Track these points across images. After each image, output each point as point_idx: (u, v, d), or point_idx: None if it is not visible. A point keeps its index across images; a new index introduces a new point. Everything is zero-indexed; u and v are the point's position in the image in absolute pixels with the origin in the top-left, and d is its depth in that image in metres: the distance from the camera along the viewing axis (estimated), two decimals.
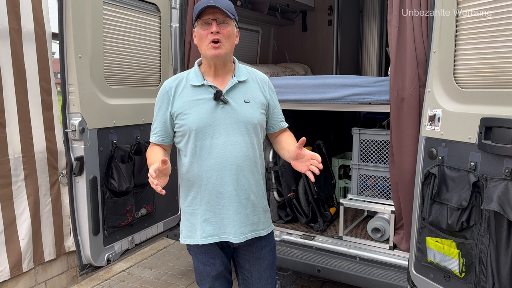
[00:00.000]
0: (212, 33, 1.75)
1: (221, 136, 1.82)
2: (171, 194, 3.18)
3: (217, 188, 1.84)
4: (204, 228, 1.87)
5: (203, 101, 1.83)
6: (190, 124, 1.81)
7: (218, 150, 1.82)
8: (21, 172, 2.95)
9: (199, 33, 1.79)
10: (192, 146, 1.84)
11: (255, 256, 1.97)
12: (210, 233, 1.87)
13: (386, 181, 3.00)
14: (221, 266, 1.94)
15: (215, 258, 1.93)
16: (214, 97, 1.82)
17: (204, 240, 1.88)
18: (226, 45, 1.79)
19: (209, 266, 1.93)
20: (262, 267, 1.99)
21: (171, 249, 4.27)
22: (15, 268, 2.94)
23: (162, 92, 1.90)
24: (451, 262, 1.94)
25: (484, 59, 1.84)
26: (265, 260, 2.00)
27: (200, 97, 1.83)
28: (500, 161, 1.74)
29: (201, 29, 1.78)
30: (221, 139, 1.82)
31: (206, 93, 1.84)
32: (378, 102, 2.63)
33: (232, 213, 1.85)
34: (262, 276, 1.99)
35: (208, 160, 1.82)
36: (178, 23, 3.10)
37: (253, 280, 2.00)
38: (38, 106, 3.03)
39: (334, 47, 4.73)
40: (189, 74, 1.91)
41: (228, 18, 1.78)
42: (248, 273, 2.00)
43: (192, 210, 1.90)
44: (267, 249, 2.00)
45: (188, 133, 1.83)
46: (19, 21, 2.86)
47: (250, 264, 1.99)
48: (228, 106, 1.83)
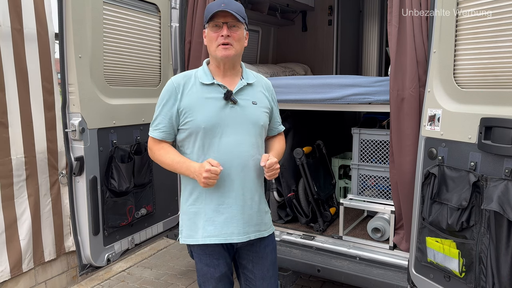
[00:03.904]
0: (223, 36, 1.79)
1: (229, 135, 1.84)
2: (171, 194, 3.17)
3: (224, 187, 1.85)
4: (206, 228, 1.87)
5: (213, 100, 1.85)
6: (199, 122, 1.83)
7: (225, 149, 1.84)
8: (23, 172, 2.95)
9: (210, 35, 1.83)
10: (200, 144, 1.85)
11: (258, 255, 1.98)
12: (212, 233, 1.87)
13: (386, 181, 3.00)
14: (224, 267, 1.94)
15: (219, 259, 1.92)
16: (225, 96, 1.85)
17: (205, 240, 1.87)
18: (236, 47, 1.84)
19: (213, 267, 1.92)
20: (265, 267, 2.00)
21: (171, 249, 4.28)
22: (15, 268, 2.94)
23: (169, 88, 1.88)
24: (451, 262, 1.94)
25: (484, 59, 1.84)
26: (268, 259, 2.01)
27: (210, 95, 1.85)
28: (500, 161, 1.74)
29: (212, 31, 1.82)
30: (229, 138, 1.84)
31: (216, 92, 1.86)
32: (378, 102, 2.63)
33: (237, 212, 1.87)
34: (265, 276, 2.00)
35: (216, 158, 1.84)
36: (178, 23, 3.10)
37: (256, 281, 2.00)
38: (40, 106, 3.04)
39: (334, 47, 4.73)
40: (198, 72, 1.92)
41: (238, 22, 1.82)
42: (251, 273, 2.00)
43: (196, 209, 1.90)
44: (269, 248, 2.02)
45: (196, 131, 1.84)
46: (21, 21, 2.86)
47: (253, 264, 1.99)
48: (237, 107, 1.87)
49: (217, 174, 1.73)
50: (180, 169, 1.85)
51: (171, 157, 1.86)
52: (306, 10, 4.87)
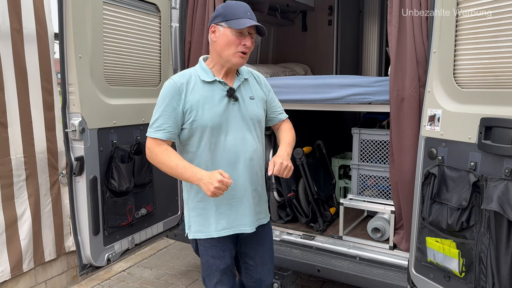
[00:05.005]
0: (244, 45, 1.85)
1: (234, 132, 1.89)
2: (171, 194, 3.18)
3: (237, 183, 1.91)
4: (219, 222, 1.93)
5: (217, 98, 1.88)
6: (206, 120, 1.85)
7: (231, 146, 1.89)
8: (22, 172, 2.95)
9: (231, 38, 1.82)
10: (207, 143, 1.88)
11: (259, 243, 2.08)
12: (225, 226, 1.94)
13: (386, 181, 3.00)
14: (229, 259, 2.00)
15: (225, 251, 1.98)
16: (228, 94, 1.88)
17: (219, 233, 1.93)
18: (248, 56, 1.91)
19: (219, 259, 1.96)
20: (265, 253, 2.12)
21: (171, 249, 4.28)
22: (16, 268, 2.94)
23: (172, 88, 1.85)
24: (451, 262, 1.94)
25: (484, 59, 1.84)
26: (268, 246, 2.13)
27: (212, 93, 1.88)
28: (500, 161, 1.74)
29: (235, 36, 1.82)
30: (234, 134, 1.89)
31: (218, 89, 1.89)
32: (378, 102, 2.63)
33: (247, 204, 1.96)
34: (265, 261, 2.12)
35: (223, 155, 1.88)
36: (178, 23, 3.11)
37: (257, 267, 2.10)
38: (40, 106, 3.04)
39: (334, 47, 4.73)
40: (196, 71, 1.93)
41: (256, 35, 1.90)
42: (252, 261, 2.09)
43: (205, 205, 1.94)
44: (269, 235, 2.15)
45: (202, 129, 1.86)
46: (20, 21, 2.86)
47: (255, 251, 2.08)
48: (238, 103, 1.92)
49: (227, 186, 1.74)
50: (184, 174, 1.80)
51: (175, 161, 1.82)
52: (306, 10, 4.87)
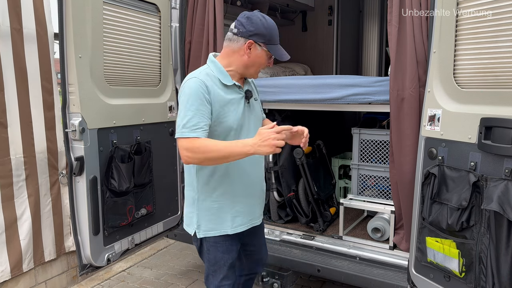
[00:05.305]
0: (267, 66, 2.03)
1: (250, 132, 1.97)
2: (171, 194, 3.18)
3: (249, 180, 2.01)
4: (234, 219, 1.99)
5: (236, 100, 1.94)
6: (230, 123, 1.89)
7: None
8: (22, 172, 2.95)
9: (264, 60, 1.96)
10: None
11: (257, 232, 2.22)
12: (240, 222, 2.01)
13: (386, 181, 3.00)
14: (236, 253, 2.07)
15: (233, 245, 2.03)
16: (246, 96, 1.98)
17: (235, 230, 1.99)
18: None
19: (227, 253, 2.00)
20: (262, 236, 2.30)
21: (171, 249, 4.28)
22: (16, 268, 2.94)
23: (200, 87, 1.81)
24: (451, 262, 1.94)
25: (484, 59, 1.84)
26: (262, 230, 2.31)
27: (232, 96, 1.93)
28: (500, 161, 1.74)
29: (267, 57, 1.97)
30: (250, 134, 1.94)
31: (235, 92, 1.95)
32: (378, 102, 2.63)
33: (258, 199, 2.11)
34: (263, 243, 2.31)
35: None
36: (178, 23, 3.10)
37: (258, 249, 2.27)
38: (40, 106, 3.03)
39: (334, 47, 4.74)
40: (212, 72, 1.91)
41: None
42: (253, 246, 2.24)
43: (220, 204, 1.96)
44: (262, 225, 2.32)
45: (226, 132, 1.89)
46: (20, 21, 2.86)
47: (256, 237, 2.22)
48: (250, 104, 2.01)
49: None
50: (234, 150, 1.74)
51: (221, 143, 1.77)
52: (306, 10, 4.87)
